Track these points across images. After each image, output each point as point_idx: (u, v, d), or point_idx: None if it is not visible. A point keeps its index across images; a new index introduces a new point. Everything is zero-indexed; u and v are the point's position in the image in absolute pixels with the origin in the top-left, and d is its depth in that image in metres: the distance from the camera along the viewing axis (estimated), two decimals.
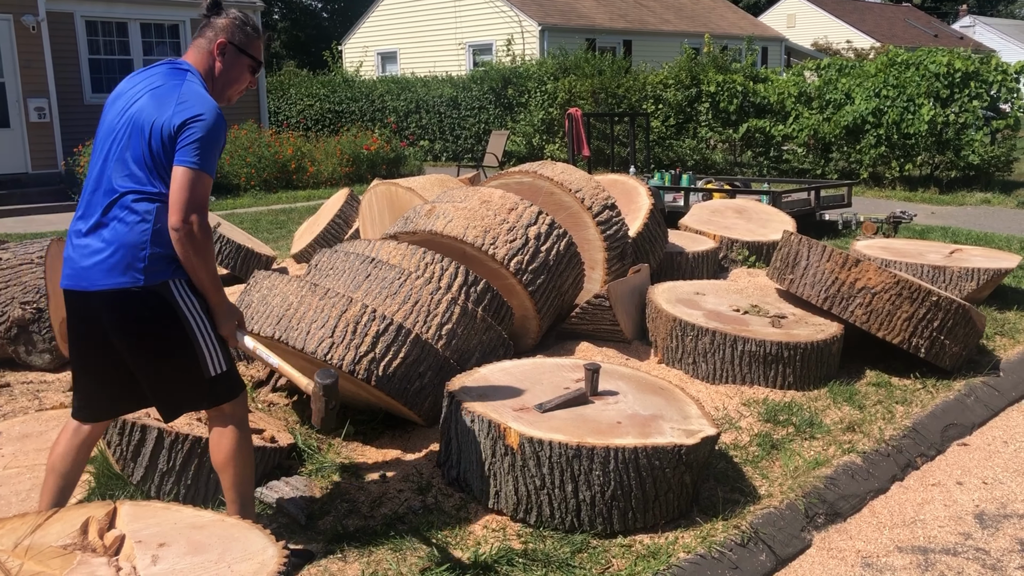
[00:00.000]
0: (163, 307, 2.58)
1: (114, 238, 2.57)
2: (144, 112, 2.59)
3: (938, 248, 6.54)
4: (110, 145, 2.64)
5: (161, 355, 2.63)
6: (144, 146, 2.57)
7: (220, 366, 2.67)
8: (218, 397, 2.71)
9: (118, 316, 2.58)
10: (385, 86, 21.02)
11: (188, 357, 2.63)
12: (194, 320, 2.63)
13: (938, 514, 3.59)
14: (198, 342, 2.63)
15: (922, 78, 13.10)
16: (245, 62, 2.79)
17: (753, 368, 4.43)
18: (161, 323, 2.59)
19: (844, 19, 35.82)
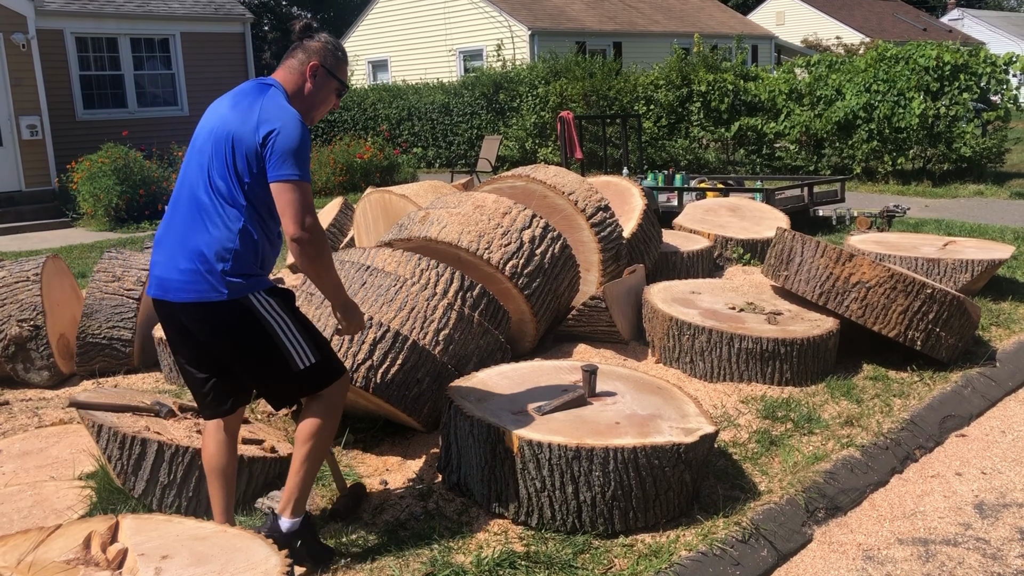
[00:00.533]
0: (246, 316, 2.69)
1: (198, 251, 2.66)
2: (227, 127, 2.68)
3: (932, 241, 6.57)
4: (196, 159, 2.73)
5: (250, 358, 2.75)
6: (228, 160, 2.65)
7: (308, 359, 2.77)
8: (316, 385, 2.83)
9: (204, 327, 2.70)
10: (377, 94, 21.04)
11: (275, 357, 2.74)
12: (276, 322, 2.73)
13: (938, 505, 3.60)
14: (283, 342, 2.74)
15: (912, 72, 13.15)
16: (333, 85, 2.89)
17: (750, 365, 4.45)
18: (245, 332, 2.70)
19: (833, 15, 35.91)
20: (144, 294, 5.15)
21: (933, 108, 12.90)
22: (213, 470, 2.90)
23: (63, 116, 14.77)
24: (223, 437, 2.90)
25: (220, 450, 2.90)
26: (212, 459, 2.90)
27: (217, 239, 2.65)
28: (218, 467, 2.90)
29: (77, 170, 13.08)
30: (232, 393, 2.89)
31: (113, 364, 5.08)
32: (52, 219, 13.07)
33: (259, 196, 2.68)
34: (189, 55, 16.13)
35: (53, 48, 14.56)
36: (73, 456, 3.80)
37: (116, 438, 3.16)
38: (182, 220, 2.71)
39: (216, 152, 2.67)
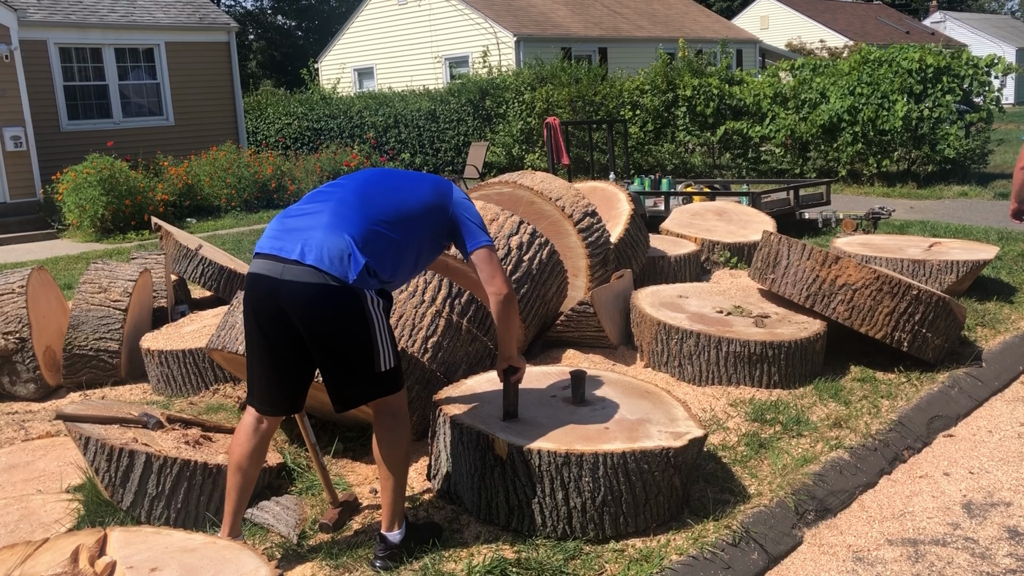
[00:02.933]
0: (355, 306, 2.76)
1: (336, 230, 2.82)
2: (422, 193, 3.01)
3: (917, 242, 6.61)
4: (369, 187, 2.96)
5: (344, 349, 2.79)
6: (421, 200, 2.97)
7: (390, 362, 2.86)
8: (388, 389, 2.89)
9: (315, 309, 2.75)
10: (363, 102, 21.01)
11: (366, 354, 2.80)
12: (376, 316, 2.80)
13: (926, 505, 3.62)
14: (376, 340, 2.81)
15: (895, 75, 13.24)
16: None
17: (738, 368, 4.46)
18: (350, 321, 2.77)
19: (817, 19, 36.14)
20: (130, 304, 5.13)
21: (917, 110, 12.99)
22: (238, 470, 2.92)
23: (47, 127, 14.71)
24: (260, 438, 2.93)
25: (253, 451, 2.93)
26: (242, 460, 2.92)
27: (371, 238, 2.81)
28: (244, 468, 2.92)
29: (62, 181, 13.02)
30: (295, 396, 2.94)
31: (100, 376, 5.05)
32: (37, 231, 12.99)
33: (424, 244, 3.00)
34: (174, 65, 16.09)
35: (37, 59, 14.50)
36: (60, 469, 3.78)
37: (104, 450, 3.14)
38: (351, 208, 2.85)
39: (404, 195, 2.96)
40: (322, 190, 2.98)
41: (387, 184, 2.97)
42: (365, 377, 2.83)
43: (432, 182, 3.07)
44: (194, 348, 4.67)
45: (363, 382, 2.84)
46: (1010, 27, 43.06)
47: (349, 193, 2.91)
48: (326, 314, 2.73)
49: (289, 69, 36.71)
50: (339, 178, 3.06)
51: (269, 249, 2.80)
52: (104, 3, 15.83)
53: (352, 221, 2.81)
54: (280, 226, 2.86)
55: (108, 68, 15.47)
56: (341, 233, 2.77)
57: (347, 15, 31.31)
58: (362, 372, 2.82)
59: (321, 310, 2.72)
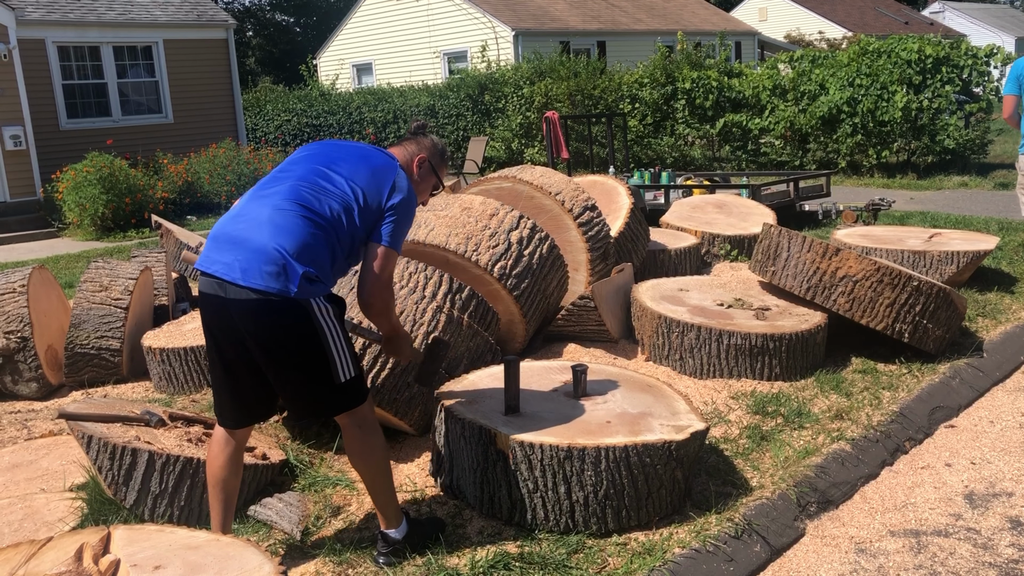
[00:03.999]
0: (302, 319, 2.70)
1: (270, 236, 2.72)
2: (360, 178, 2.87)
3: (917, 233, 6.60)
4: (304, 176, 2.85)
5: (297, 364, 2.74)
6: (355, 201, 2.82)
7: (349, 372, 2.80)
8: (350, 402, 2.83)
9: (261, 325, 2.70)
10: (362, 98, 21.01)
11: (321, 365, 2.75)
12: (327, 326, 2.75)
13: (928, 497, 3.62)
14: (330, 350, 2.75)
15: (894, 65, 13.22)
16: (432, 180, 3.16)
17: (740, 361, 4.46)
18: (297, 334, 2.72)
19: (815, 10, 36.07)
20: (132, 303, 5.14)
21: (916, 101, 12.97)
22: (217, 483, 2.90)
23: (47, 126, 14.70)
24: (232, 450, 2.90)
25: (227, 463, 2.90)
26: (218, 472, 2.90)
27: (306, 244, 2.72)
28: (222, 479, 2.90)
29: (62, 180, 13.02)
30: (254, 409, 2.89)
31: (102, 374, 5.06)
32: (38, 229, 13.00)
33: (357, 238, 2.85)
34: (172, 62, 16.08)
35: (35, 58, 14.49)
36: (63, 468, 3.79)
37: (106, 448, 3.15)
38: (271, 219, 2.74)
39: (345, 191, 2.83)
40: (260, 188, 2.87)
41: (324, 183, 2.83)
42: (325, 390, 2.77)
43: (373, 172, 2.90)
44: (195, 346, 4.67)
45: (323, 395, 2.79)
46: (1009, 17, 42.97)
47: (284, 196, 2.78)
48: (275, 332, 2.67)
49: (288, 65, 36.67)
50: (281, 166, 2.94)
51: (210, 268, 2.71)
52: (102, 1, 15.80)
53: (286, 230, 2.69)
54: (219, 235, 2.76)
55: (107, 66, 15.45)
56: (275, 246, 2.66)
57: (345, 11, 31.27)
58: (321, 385, 2.76)
59: (269, 328, 2.66)
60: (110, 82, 15.51)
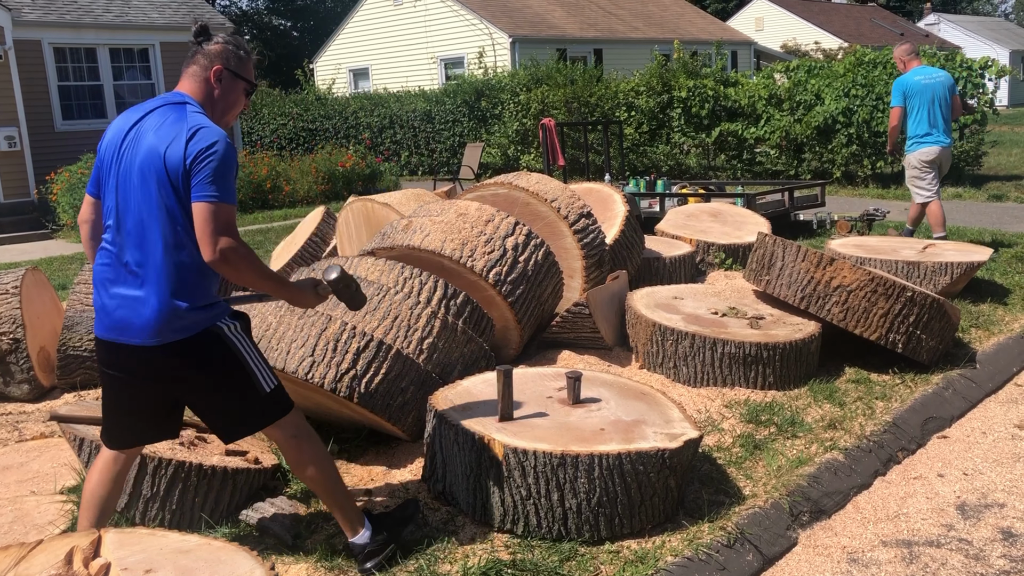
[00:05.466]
0: (215, 344, 2.67)
1: (156, 295, 2.60)
2: (154, 154, 2.58)
3: (911, 244, 6.62)
4: (128, 192, 2.63)
5: (221, 385, 2.71)
6: (165, 191, 2.58)
7: (271, 382, 2.77)
8: (276, 413, 2.79)
9: (171, 364, 2.64)
10: (358, 103, 21.03)
11: (245, 381, 2.72)
12: (239, 343, 2.71)
13: (921, 507, 3.62)
14: (249, 365, 2.73)
15: (890, 76, 13.26)
16: (241, 86, 2.83)
17: (734, 370, 4.47)
18: (216, 359, 2.68)
19: (811, 20, 36.23)
20: None
21: None
22: (95, 501, 2.80)
23: (42, 127, 14.67)
24: (120, 469, 2.83)
25: (108, 482, 2.82)
26: (96, 490, 2.80)
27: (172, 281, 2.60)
28: (100, 499, 2.81)
29: (56, 181, 12.99)
30: (144, 434, 2.82)
31: (94, 377, 5.04)
32: (31, 231, 12.97)
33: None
34: (169, 65, 16.07)
35: (31, 59, 14.47)
36: (54, 470, 3.77)
37: (98, 451, 3.13)
38: (129, 258, 2.61)
39: (149, 185, 2.59)
40: (109, 241, 2.68)
41: (138, 217, 2.61)
42: (253, 405, 2.74)
43: (149, 170, 2.59)
44: None
45: (252, 411, 2.75)
46: (1004, 29, 43.19)
47: (128, 246, 2.62)
48: (194, 372, 2.64)
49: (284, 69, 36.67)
50: (105, 211, 2.70)
51: (105, 333, 2.65)
52: (99, 3, 15.79)
53: (149, 279, 2.59)
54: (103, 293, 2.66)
55: (103, 68, 15.44)
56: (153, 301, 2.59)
57: (342, 16, 31.30)
58: (248, 401, 2.73)
59: (190, 370, 2.64)
60: (106, 84, 15.50)
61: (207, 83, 2.75)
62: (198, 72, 2.75)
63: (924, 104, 7.41)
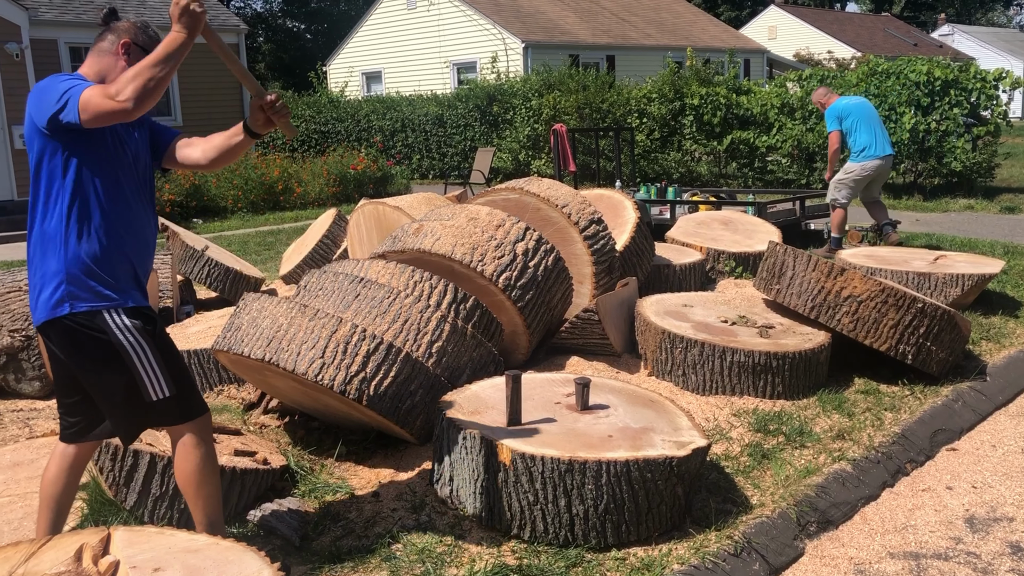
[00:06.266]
0: (96, 335, 2.59)
1: (37, 269, 2.61)
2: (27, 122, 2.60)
3: (923, 255, 6.60)
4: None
5: (100, 381, 2.65)
6: (33, 157, 2.58)
7: (162, 391, 2.66)
8: (167, 420, 2.71)
9: (58, 346, 2.63)
10: (371, 106, 21.09)
11: (127, 383, 2.63)
12: (131, 347, 2.62)
13: (929, 519, 3.61)
14: (136, 368, 2.63)
15: (903, 87, 13.24)
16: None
17: (742, 378, 4.46)
18: (96, 351, 2.61)
19: (825, 30, 36.17)
20: None
21: (924, 123, 12.98)
22: (50, 497, 2.80)
23: None
24: (67, 466, 2.82)
25: (60, 478, 2.81)
26: (51, 485, 2.80)
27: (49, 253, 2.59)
28: (55, 494, 2.80)
29: None
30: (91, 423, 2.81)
31: None
32: None
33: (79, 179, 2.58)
34: (183, 66, 16.00)
35: (47, 57, 14.56)
36: None
37: (108, 449, 3.15)
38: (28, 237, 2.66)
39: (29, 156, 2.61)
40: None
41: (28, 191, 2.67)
42: (135, 409, 2.66)
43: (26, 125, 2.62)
44: (199, 349, 4.68)
45: (134, 414, 2.67)
46: (1018, 41, 43.03)
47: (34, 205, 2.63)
48: (75, 355, 2.61)
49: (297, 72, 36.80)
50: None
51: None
52: (115, 3, 15.88)
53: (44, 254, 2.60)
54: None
55: None
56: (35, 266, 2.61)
57: (356, 19, 31.39)
58: (131, 404, 2.65)
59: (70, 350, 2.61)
60: None
61: (114, 56, 2.73)
62: (105, 47, 2.74)
63: (860, 120, 8.01)
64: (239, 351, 3.57)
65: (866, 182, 8.17)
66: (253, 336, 3.59)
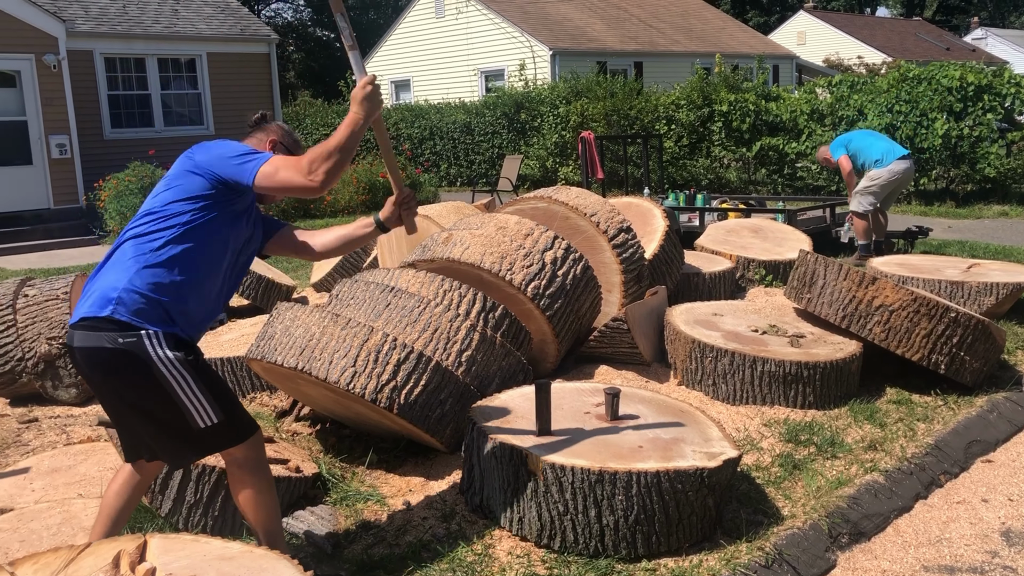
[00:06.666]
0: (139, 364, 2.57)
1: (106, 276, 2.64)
2: (179, 164, 2.72)
3: (955, 263, 6.53)
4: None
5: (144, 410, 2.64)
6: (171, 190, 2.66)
7: (210, 418, 2.63)
8: (218, 445, 2.70)
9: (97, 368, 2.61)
10: (399, 114, 21.22)
11: (172, 413, 2.61)
12: (172, 376, 2.59)
13: (964, 532, 3.57)
14: (180, 398, 2.60)
15: (935, 92, 13.11)
16: None
17: (773, 388, 4.44)
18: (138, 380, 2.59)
19: (855, 35, 35.86)
20: None
21: (956, 129, 12.84)
22: (110, 510, 2.82)
23: (91, 135, 15.00)
24: (136, 481, 2.85)
25: (125, 493, 2.84)
26: (113, 499, 2.82)
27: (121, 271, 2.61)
28: (116, 508, 2.83)
29: (104, 188, 13.26)
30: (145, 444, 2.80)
31: None
32: (79, 236, 13.25)
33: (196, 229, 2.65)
34: (215, 75, 16.35)
35: (83, 68, 14.81)
36: (101, 474, 3.85)
37: None
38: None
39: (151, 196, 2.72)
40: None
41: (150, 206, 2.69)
42: (183, 438, 2.64)
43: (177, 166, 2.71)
44: (232, 356, 4.74)
45: (182, 443, 2.66)
46: None
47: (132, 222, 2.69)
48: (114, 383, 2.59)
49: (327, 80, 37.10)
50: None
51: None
52: (148, 14, 16.13)
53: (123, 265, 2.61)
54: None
55: (151, 78, 15.75)
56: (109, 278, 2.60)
57: (385, 28, 31.62)
58: (177, 434, 2.64)
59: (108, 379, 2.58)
60: (154, 93, 15.81)
61: (262, 148, 2.91)
62: (254, 142, 2.94)
63: (865, 138, 8.18)
64: (272, 360, 3.61)
65: (891, 187, 8.10)
66: (286, 345, 3.63)
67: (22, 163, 13.48)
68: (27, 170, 13.53)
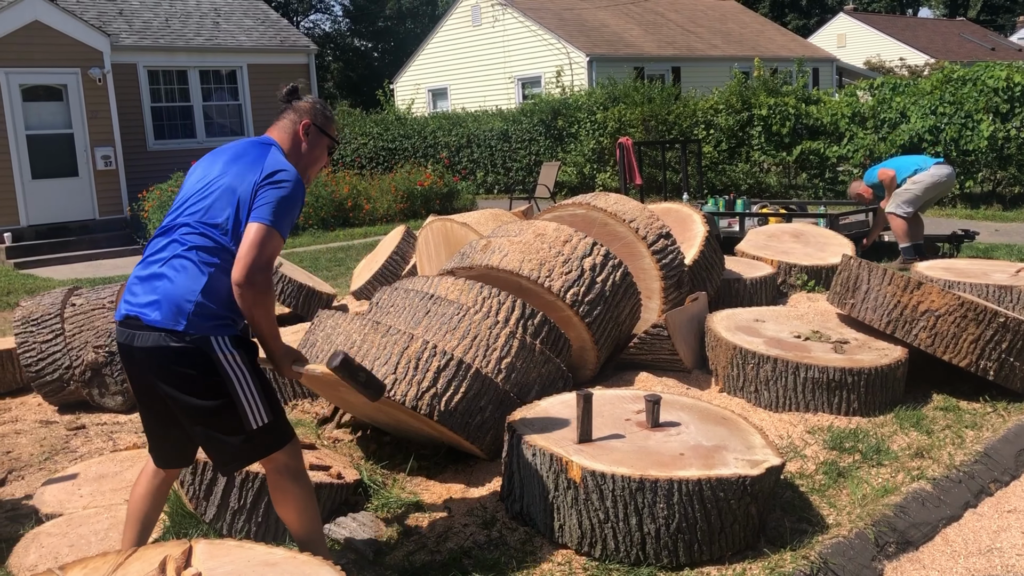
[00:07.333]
0: (204, 361, 2.64)
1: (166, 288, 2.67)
2: (229, 177, 2.73)
3: (1003, 267, 6.40)
4: (187, 204, 2.77)
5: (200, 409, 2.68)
6: (230, 209, 2.69)
7: (262, 418, 2.71)
8: (266, 448, 2.74)
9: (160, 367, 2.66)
10: (437, 122, 21.32)
11: (229, 411, 2.67)
12: (234, 373, 2.68)
13: (1015, 542, 3.49)
14: (238, 396, 2.67)
15: (980, 93, 12.87)
16: (325, 142, 3.00)
17: (816, 395, 4.38)
18: (201, 377, 2.65)
19: (896, 36, 35.36)
20: None
21: (1003, 130, 12.60)
22: (136, 515, 2.87)
23: (135, 146, 15.29)
24: (157, 484, 2.89)
25: (148, 496, 2.88)
26: (138, 502, 2.87)
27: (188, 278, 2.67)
28: (144, 512, 2.87)
29: (148, 199, 13.49)
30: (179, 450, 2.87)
31: None
32: (124, 246, 13.50)
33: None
34: (255, 86, 16.58)
35: (127, 81, 15.11)
36: None
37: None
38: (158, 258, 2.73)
39: (215, 200, 2.72)
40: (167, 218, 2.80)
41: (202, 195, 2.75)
42: (237, 437, 2.69)
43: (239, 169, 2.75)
44: None
45: (234, 444, 2.70)
46: None
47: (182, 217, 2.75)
48: (175, 381, 2.63)
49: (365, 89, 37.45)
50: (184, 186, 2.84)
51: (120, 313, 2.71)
52: (190, 27, 16.41)
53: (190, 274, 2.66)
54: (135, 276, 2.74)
55: (193, 89, 16.02)
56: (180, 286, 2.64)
57: (422, 37, 31.83)
58: (231, 434, 2.69)
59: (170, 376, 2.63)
60: (196, 105, 16.07)
61: (295, 136, 2.92)
62: (287, 126, 2.93)
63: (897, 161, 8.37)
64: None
65: (932, 192, 8.10)
66: (327, 352, 3.66)
67: (68, 175, 13.78)
68: (73, 181, 13.83)
